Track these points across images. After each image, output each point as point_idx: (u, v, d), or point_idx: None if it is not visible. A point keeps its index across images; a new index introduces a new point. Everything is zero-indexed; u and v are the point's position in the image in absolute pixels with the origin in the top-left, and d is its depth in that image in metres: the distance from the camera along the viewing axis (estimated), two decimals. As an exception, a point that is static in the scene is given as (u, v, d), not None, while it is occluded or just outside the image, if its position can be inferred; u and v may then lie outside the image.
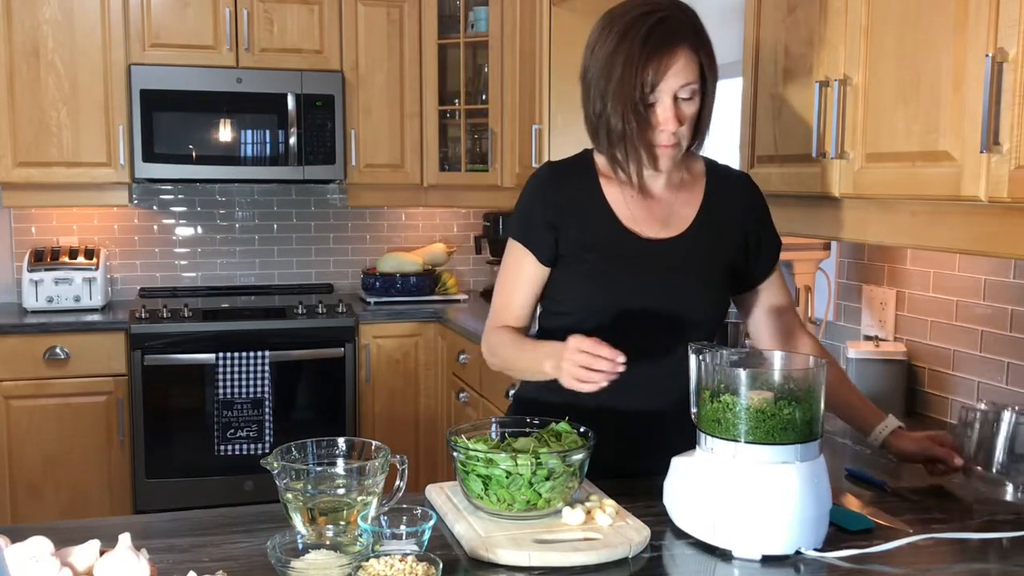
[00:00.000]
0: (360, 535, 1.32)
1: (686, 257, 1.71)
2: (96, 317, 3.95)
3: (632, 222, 1.71)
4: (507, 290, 1.77)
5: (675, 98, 1.62)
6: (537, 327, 1.84)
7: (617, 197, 1.72)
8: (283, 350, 3.90)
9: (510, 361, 1.73)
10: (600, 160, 1.75)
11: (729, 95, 3.26)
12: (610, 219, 1.71)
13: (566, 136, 3.66)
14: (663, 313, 1.69)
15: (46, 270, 4.01)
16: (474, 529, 1.43)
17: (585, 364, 1.49)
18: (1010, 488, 1.62)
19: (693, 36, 1.63)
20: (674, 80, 1.61)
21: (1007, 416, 1.65)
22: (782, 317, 1.84)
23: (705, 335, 1.75)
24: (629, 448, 1.74)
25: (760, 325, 1.84)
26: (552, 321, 1.78)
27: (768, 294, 1.83)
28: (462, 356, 3.71)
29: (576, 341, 1.51)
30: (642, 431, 1.73)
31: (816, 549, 1.40)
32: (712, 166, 1.81)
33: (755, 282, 1.82)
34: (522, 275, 1.75)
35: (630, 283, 1.69)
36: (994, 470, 1.63)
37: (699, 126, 1.69)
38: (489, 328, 1.79)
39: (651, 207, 1.73)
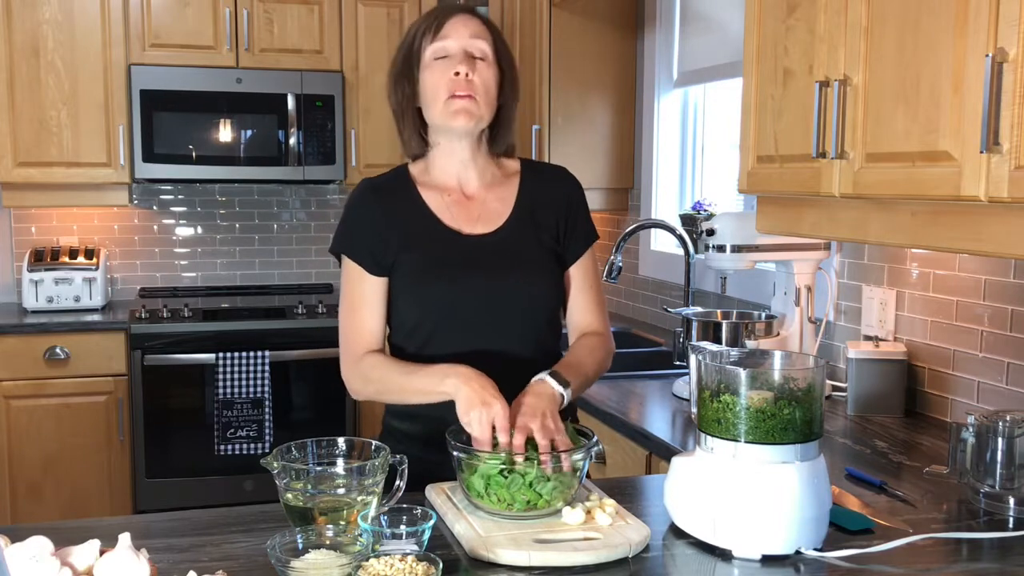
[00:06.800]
0: (360, 535, 1.32)
1: (508, 248, 1.76)
2: (96, 317, 3.95)
3: (453, 222, 1.76)
4: (353, 312, 1.79)
5: (468, 55, 1.70)
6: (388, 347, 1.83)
7: (436, 202, 1.77)
8: (283, 350, 3.90)
9: (395, 383, 1.70)
10: (416, 170, 1.81)
11: (729, 95, 3.28)
12: (431, 222, 1.76)
13: (566, 136, 3.67)
14: (497, 305, 1.73)
15: (46, 270, 4.01)
16: (474, 529, 1.43)
17: (485, 423, 1.49)
18: (1012, 501, 1.61)
19: (482, 18, 1.74)
20: (463, 28, 1.71)
21: (1001, 428, 1.63)
22: (585, 302, 1.84)
23: (546, 321, 1.78)
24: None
25: (570, 309, 1.85)
26: (398, 332, 1.80)
27: (577, 278, 1.84)
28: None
29: (502, 408, 1.50)
30: None
31: (816, 549, 1.40)
32: (527, 164, 1.87)
33: (564, 265, 1.83)
34: (363, 293, 1.78)
35: (457, 278, 1.73)
36: (997, 487, 1.62)
37: (500, 118, 1.76)
38: (352, 357, 1.77)
39: (469, 207, 1.78)
